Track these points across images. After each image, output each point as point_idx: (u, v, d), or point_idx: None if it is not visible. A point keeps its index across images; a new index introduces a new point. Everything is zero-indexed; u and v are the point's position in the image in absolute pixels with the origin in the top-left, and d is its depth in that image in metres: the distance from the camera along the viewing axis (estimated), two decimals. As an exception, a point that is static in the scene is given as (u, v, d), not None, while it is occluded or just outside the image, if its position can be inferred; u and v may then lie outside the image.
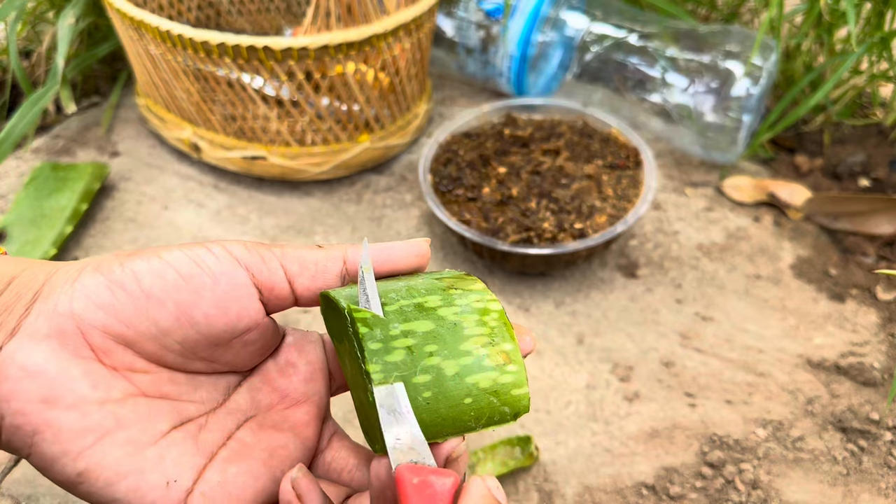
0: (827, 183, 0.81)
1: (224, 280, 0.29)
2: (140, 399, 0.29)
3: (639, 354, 0.65)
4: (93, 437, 0.27)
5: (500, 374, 0.30)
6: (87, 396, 0.27)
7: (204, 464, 0.30)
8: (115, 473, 0.27)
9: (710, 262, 0.73)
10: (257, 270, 0.30)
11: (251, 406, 0.33)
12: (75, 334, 0.27)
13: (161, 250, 0.29)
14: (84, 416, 0.27)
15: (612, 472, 0.57)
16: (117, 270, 0.28)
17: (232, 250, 0.30)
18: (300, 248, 0.31)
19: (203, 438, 0.30)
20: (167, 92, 0.77)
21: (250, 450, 0.31)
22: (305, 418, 0.33)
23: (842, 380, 0.63)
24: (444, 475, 0.27)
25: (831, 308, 0.69)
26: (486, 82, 0.92)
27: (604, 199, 0.69)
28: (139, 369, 0.29)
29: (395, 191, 0.80)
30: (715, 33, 0.81)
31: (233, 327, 0.30)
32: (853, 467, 0.57)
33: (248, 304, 0.30)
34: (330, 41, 0.68)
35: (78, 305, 0.27)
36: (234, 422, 0.32)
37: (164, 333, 0.29)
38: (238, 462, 0.30)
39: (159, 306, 0.28)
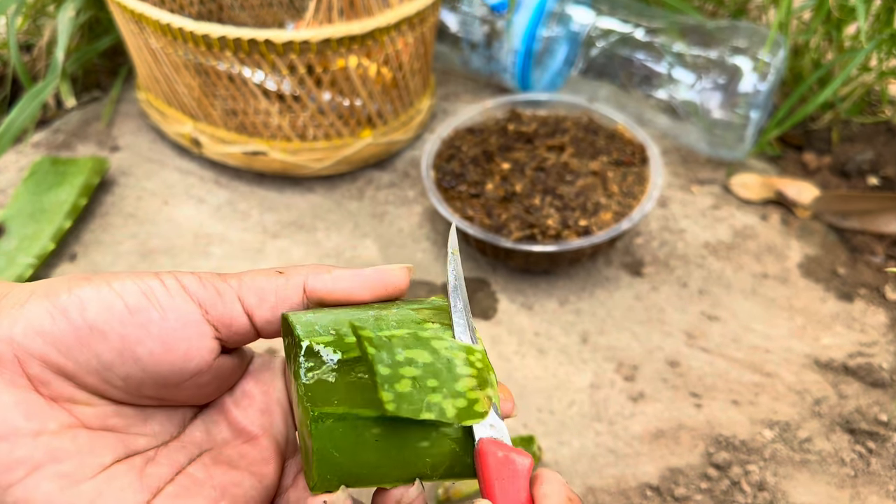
0: (835, 181, 0.80)
1: (173, 316, 0.27)
2: (80, 431, 0.27)
3: (644, 354, 0.64)
4: (23, 471, 0.25)
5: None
6: (20, 428, 0.26)
7: (147, 500, 0.28)
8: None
9: (716, 260, 0.72)
10: (211, 305, 0.28)
11: (206, 440, 0.31)
12: (12, 362, 0.26)
13: (112, 278, 0.27)
14: (14, 448, 0.25)
15: (616, 473, 0.56)
16: (63, 296, 0.26)
17: (185, 283, 0.28)
18: (259, 275, 0.29)
19: (149, 473, 0.28)
20: (168, 86, 0.76)
21: (200, 487, 0.29)
22: (265, 454, 0.31)
23: (850, 380, 0.62)
24: (523, 455, 0.27)
25: (839, 308, 0.68)
26: (491, 78, 0.91)
27: (609, 196, 0.69)
28: (80, 401, 0.27)
29: (398, 187, 0.79)
30: (722, 29, 0.80)
31: (180, 368, 0.28)
32: (861, 469, 0.57)
33: (199, 344, 0.28)
34: (332, 35, 0.67)
35: (17, 331, 0.26)
36: (186, 456, 0.30)
37: (106, 368, 0.27)
38: (184, 499, 0.28)
39: (101, 339, 0.26)
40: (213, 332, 0.28)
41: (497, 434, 0.28)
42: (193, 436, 0.31)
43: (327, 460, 0.27)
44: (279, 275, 0.30)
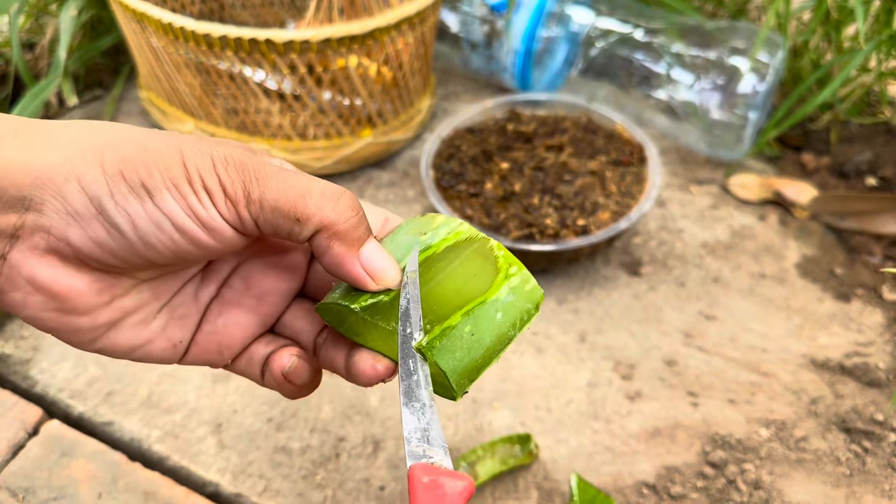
0: (833, 181, 0.80)
1: (212, 232, 0.29)
2: (143, 285, 0.32)
3: (641, 353, 0.65)
4: (104, 328, 0.31)
5: (508, 279, 0.33)
6: (96, 302, 0.30)
7: (199, 320, 0.34)
8: (129, 347, 0.32)
9: (714, 260, 0.73)
10: (234, 223, 0.30)
11: (244, 251, 0.35)
12: (72, 256, 0.28)
13: (153, 188, 0.28)
14: (95, 317, 0.30)
15: (612, 471, 0.56)
16: (110, 207, 0.28)
17: (217, 203, 0.29)
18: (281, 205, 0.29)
19: (201, 294, 0.34)
20: (169, 85, 0.76)
21: (240, 297, 0.34)
22: (295, 262, 0.35)
23: (846, 380, 0.63)
24: (457, 478, 0.27)
25: (836, 308, 0.68)
26: (491, 78, 0.91)
27: (607, 196, 0.69)
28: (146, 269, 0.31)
29: (398, 186, 0.79)
30: (722, 29, 0.81)
31: (217, 253, 0.31)
32: (857, 468, 0.57)
33: (231, 243, 0.30)
34: (332, 34, 0.67)
35: (73, 236, 0.28)
36: (228, 268, 0.34)
37: (155, 262, 0.30)
38: (227, 312, 0.34)
39: (151, 250, 0.29)
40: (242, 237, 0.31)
41: (434, 460, 0.28)
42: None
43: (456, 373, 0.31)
44: (296, 223, 0.30)
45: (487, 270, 0.33)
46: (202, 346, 0.34)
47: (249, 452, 0.57)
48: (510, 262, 0.34)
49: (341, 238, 0.30)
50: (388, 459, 0.57)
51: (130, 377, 0.62)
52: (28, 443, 0.57)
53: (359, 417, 0.59)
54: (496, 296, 0.32)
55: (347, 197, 0.31)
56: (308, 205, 0.30)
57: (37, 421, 0.59)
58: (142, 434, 0.58)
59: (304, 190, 0.30)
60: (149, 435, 0.58)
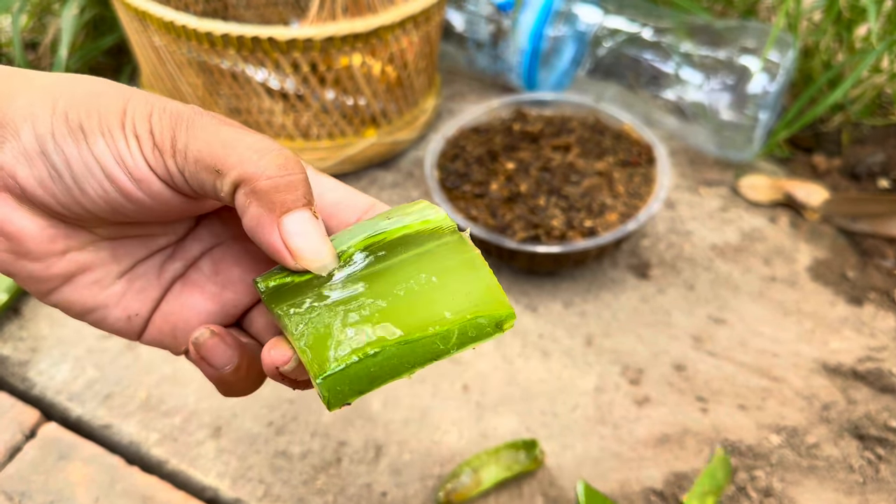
0: (845, 183, 0.79)
1: (144, 186, 0.28)
2: (102, 244, 0.31)
3: (649, 357, 0.63)
4: (59, 281, 0.30)
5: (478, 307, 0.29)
6: (49, 250, 0.29)
7: (161, 296, 0.32)
8: (84, 308, 0.31)
9: (724, 263, 0.71)
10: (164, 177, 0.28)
11: (219, 233, 0.33)
12: (21, 195, 0.28)
13: (91, 133, 0.27)
14: (48, 266, 0.29)
15: (620, 478, 0.55)
16: (50, 144, 0.27)
17: (146, 154, 0.27)
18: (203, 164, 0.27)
19: (166, 269, 0.33)
20: (172, 84, 0.76)
21: (205, 281, 0.33)
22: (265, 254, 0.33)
23: (859, 386, 0.61)
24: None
25: (849, 312, 0.67)
26: (497, 77, 0.90)
27: (615, 197, 0.68)
28: (98, 223, 0.30)
29: (402, 187, 0.78)
30: (731, 29, 0.80)
31: (167, 210, 0.29)
32: (870, 476, 0.56)
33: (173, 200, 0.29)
34: (336, 32, 0.67)
35: (21, 175, 0.27)
36: (199, 248, 0.33)
37: (105, 216, 0.29)
38: (189, 294, 0.33)
39: (91, 202, 0.28)
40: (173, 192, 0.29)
41: None
42: (208, 227, 0.33)
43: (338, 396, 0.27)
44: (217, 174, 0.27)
45: (449, 279, 0.28)
46: (158, 327, 0.32)
47: (249, 457, 0.56)
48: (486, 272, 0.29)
49: (260, 198, 0.27)
50: (390, 465, 0.56)
51: (129, 379, 0.61)
52: (25, 445, 0.56)
53: (360, 422, 0.58)
54: (450, 329, 0.27)
55: (279, 154, 0.27)
56: (230, 155, 0.27)
57: (34, 423, 0.58)
58: (140, 437, 0.57)
59: (231, 141, 0.27)
60: (147, 438, 0.57)
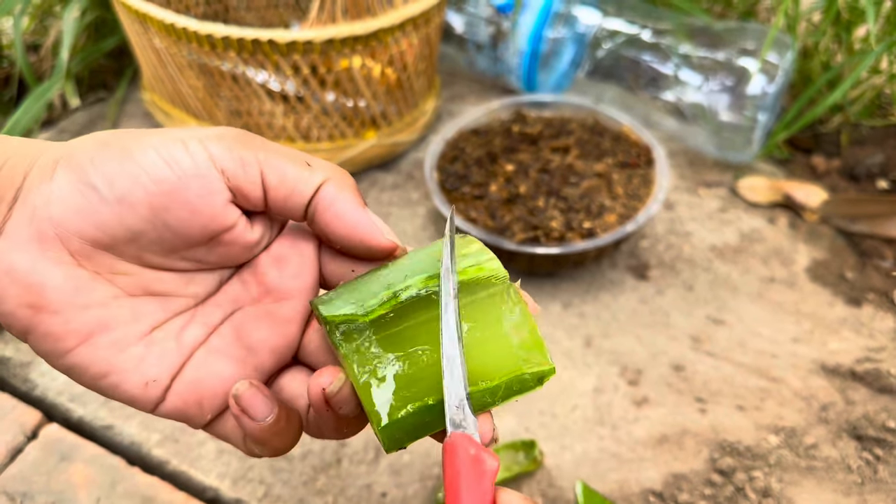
0: (844, 184, 0.79)
1: (196, 184, 0.28)
2: (124, 300, 0.30)
3: (648, 358, 0.64)
4: (77, 339, 0.28)
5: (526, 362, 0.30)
6: (70, 302, 0.28)
7: (182, 363, 0.31)
8: (99, 371, 0.29)
9: (723, 263, 0.72)
10: (233, 174, 0.29)
11: (239, 298, 0.33)
12: (54, 239, 0.28)
13: (135, 149, 0.28)
14: (68, 321, 0.28)
15: (618, 478, 0.56)
16: (90, 171, 0.28)
17: (211, 150, 0.29)
18: (287, 157, 0.30)
19: (186, 335, 0.31)
20: (173, 87, 0.76)
21: (229, 346, 0.32)
22: (290, 314, 0.33)
23: (857, 386, 0.61)
24: (493, 456, 0.26)
25: (847, 312, 0.67)
26: (497, 79, 0.90)
27: (614, 199, 0.68)
28: (121, 271, 0.29)
29: (402, 189, 0.79)
30: (730, 30, 0.80)
31: (208, 230, 0.29)
32: (868, 477, 0.56)
33: (224, 210, 0.29)
34: (335, 35, 0.67)
35: (55, 211, 0.27)
36: (220, 314, 0.32)
37: (141, 236, 0.29)
38: (214, 360, 0.31)
39: (131, 211, 0.28)
40: (231, 197, 0.30)
41: (469, 429, 0.27)
42: (228, 294, 0.33)
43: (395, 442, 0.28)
44: (306, 166, 0.30)
45: (498, 332, 0.30)
46: (181, 396, 0.31)
47: (249, 457, 0.56)
48: (531, 326, 0.30)
49: (350, 190, 0.30)
50: (389, 465, 0.56)
51: (130, 381, 0.61)
52: (27, 447, 0.57)
53: (361, 422, 0.58)
54: (498, 384, 0.29)
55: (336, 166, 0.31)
56: (314, 158, 0.30)
57: (36, 424, 0.58)
58: (141, 438, 0.57)
59: (304, 154, 0.30)
60: (148, 439, 0.57)
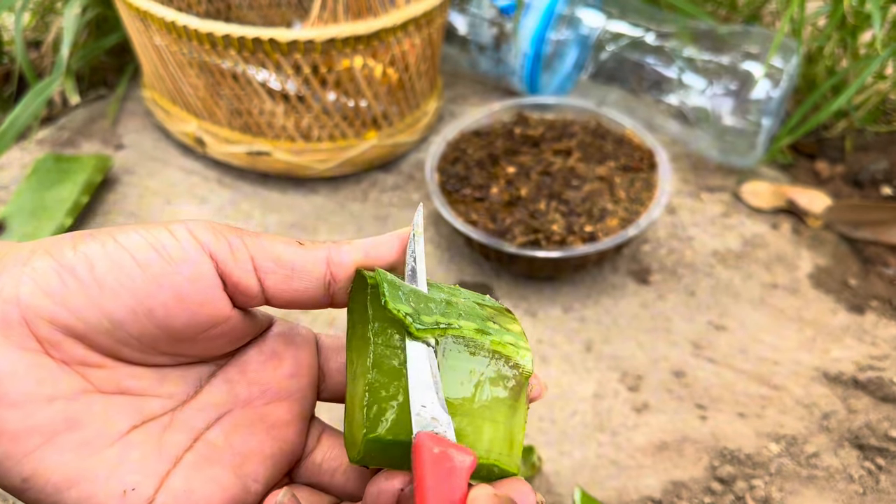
0: (848, 190, 0.78)
1: (186, 269, 0.26)
2: (95, 396, 0.26)
3: (649, 363, 0.63)
4: (39, 439, 0.24)
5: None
6: (33, 393, 0.24)
7: (168, 469, 0.27)
8: (65, 479, 0.24)
9: (725, 269, 0.71)
10: (223, 260, 0.27)
11: (225, 400, 0.29)
12: (20, 324, 0.24)
13: (117, 232, 0.26)
14: (29, 415, 0.24)
15: (617, 485, 0.55)
16: (69, 254, 0.25)
17: (197, 234, 0.26)
18: (277, 241, 0.28)
19: (167, 440, 0.27)
20: (173, 85, 0.75)
21: (220, 454, 0.28)
22: (287, 417, 0.30)
23: (860, 395, 0.61)
24: (464, 452, 0.25)
25: (850, 320, 0.67)
26: (499, 81, 0.90)
27: (616, 202, 0.67)
28: (93, 364, 0.26)
29: (403, 190, 0.78)
30: (735, 34, 0.79)
31: (195, 321, 0.27)
32: (870, 486, 0.55)
33: (213, 296, 0.26)
34: (337, 34, 0.66)
35: (24, 291, 0.24)
36: (204, 420, 0.29)
37: (119, 327, 0.25)
38: (206, 468, 0.27)
39: (113, 297, 0.25)
40: (223, 286, 0.27)
41: (440, 428, 0.26)
42: (211, 395, 0.29)
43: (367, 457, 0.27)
44: (299, 245, 0.28)
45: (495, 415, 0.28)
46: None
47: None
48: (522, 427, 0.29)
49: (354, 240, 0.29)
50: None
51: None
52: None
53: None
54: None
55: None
56: (302, 240, 0.29)
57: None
58: None
59: (291, 238, 0.29)
60: None
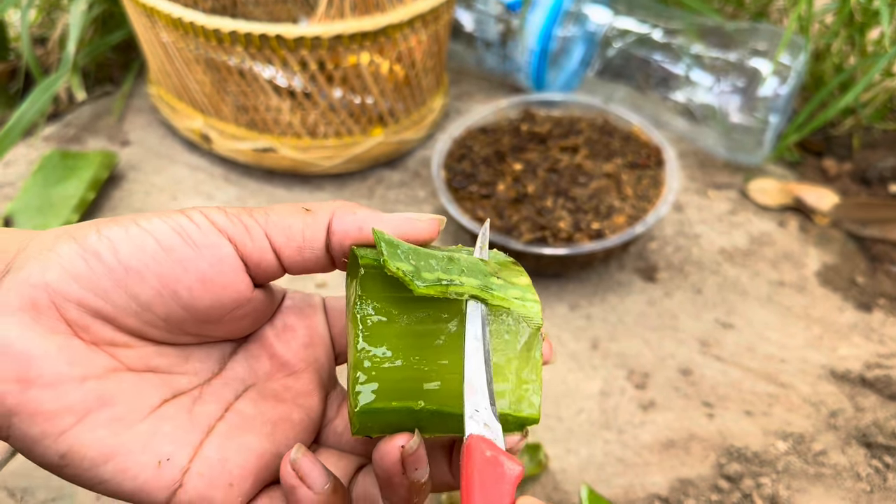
0: (855, 188, 0.78)
1: (209, 253, 0.27)
2: (124, 374, 0.27)
3: (656, 361, 0.63)
4: (73, 417, 0.25)
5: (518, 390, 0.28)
6: (65, 374, 0.25)
7: (200, 439, 0.27)
8: (101, 454, 0.25)
9: (732, 267, 0.71)
10: (241, 242, 0.27)
11: (249, 375, 0.31)
12: (49, 307, 0.25)
13: (139, 218, 0.27)
14: (62, 395, 0.25)
15: (624, 483, 0.55)
16: (93, 238, 0.26)
17: (214, 219, 0.27)
18: (286, 212, 0.29)
19: (198, 412, 0.28)
20: (179, 81, 0.75)
21: (251, 422, 0.29)
22: (308, 387, 0.31)
23: (867, 393, 0.61)
24: (514, 461, 0.25)
25: (857, 318, 0.66)
26: (505, 77, 0.90)
27: (623, 199, 0.67)
28: (121, 344, 0.27)
29: (408, 186, 0.78)
30: (742, 31, 0.79)
31: (220, 303, 0.27)
32: (877, 485, 0.55)
33: (236, 279, 0.27)
34: (344, 30, 0.66)
35: (51, 276, 0.25)
36: (232, 392, 0.30)
37: (145, 309, 0.26)
38: (238, 436, 0.28)
39: (139, 279, 0.26)
40: (245, 268, 0.28)
41: (491, 435, 0.26)
42: (235, 371, 0.30)
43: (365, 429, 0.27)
44: (306, 212, 0.29)
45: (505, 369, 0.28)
46: (206, 477, 0.27)
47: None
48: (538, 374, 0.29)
49: (360, 208, 0.29)
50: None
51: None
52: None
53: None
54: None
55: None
56: (312, 203, 0.29)
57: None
58: None
59: (301, 203, 0.29)
60: None
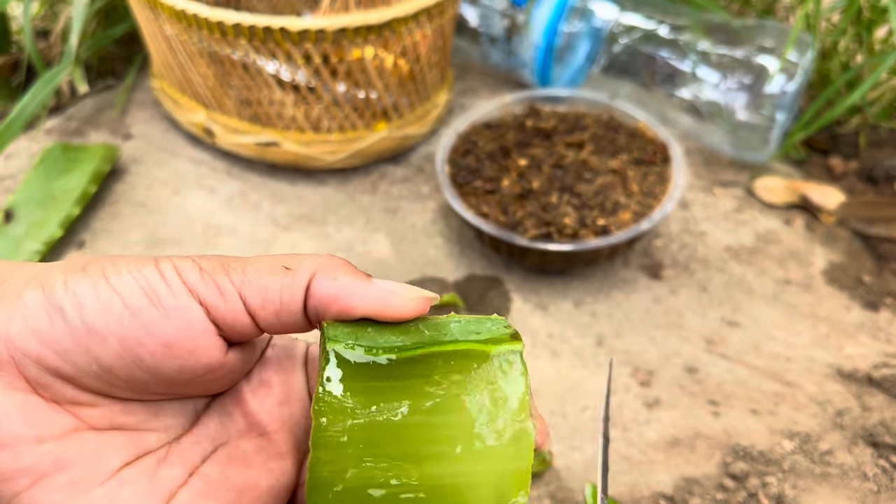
0: (862, 186, 0.78)
1: (176, 315, 0.25)
2: (86, 434, 0.25)
3: (661, 359, 0.62)
4: (28, 480, 0.24)
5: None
6: (21, 434, 0.24)
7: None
8: None
9: (738, 264, 0.70)
10: (213, 305, 0.26)
11: (221, 433, 0.29)
12: (9, 363, 0.24)
13: (111, 272, 0.25)
14: (18, 456, 0.24)
15: (629, 481, 0.54)
16: (59, 291, 0.24)
17: (186, 278, 0.26)
18: (264, 271, 0.27)
19: (161, 476, 0.27)
20: (182, 74, 0.75)
21: (215, 489, 0.27)
22: (282, 448, 0.29)
23: (874, 392, 0.60)
24: None
25: (864, 317, 0.66)
26: (510, 73, 0.89)
27: (629, 196, 0.67)
28: (85, 402, 0.26)
29: (412, 182, 0.77)
30: (749, 28, 0.78)
31: (188, 368, 0.26)
32: (884, 485, 0.54)
33: (206, 343, 0.26)
34: (348, 24, 0.66)
35: (14, 329, 0.24)
36: (199, 453, 0.28)
37: (107, 371, 0.25)
38: (203, 503, 0.27)
39: (100, 342, 0.24)
40: (217, 330, 0.26)
41: None
42: (208, 428, 0.29)
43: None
44: (286, 272, 0.27)
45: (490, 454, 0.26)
46: None
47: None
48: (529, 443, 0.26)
49: (344, 271, 0.27)
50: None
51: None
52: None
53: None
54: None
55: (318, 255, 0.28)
56: (294, 257, 0.27)
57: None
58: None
59: (281, 257, 0.27)
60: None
